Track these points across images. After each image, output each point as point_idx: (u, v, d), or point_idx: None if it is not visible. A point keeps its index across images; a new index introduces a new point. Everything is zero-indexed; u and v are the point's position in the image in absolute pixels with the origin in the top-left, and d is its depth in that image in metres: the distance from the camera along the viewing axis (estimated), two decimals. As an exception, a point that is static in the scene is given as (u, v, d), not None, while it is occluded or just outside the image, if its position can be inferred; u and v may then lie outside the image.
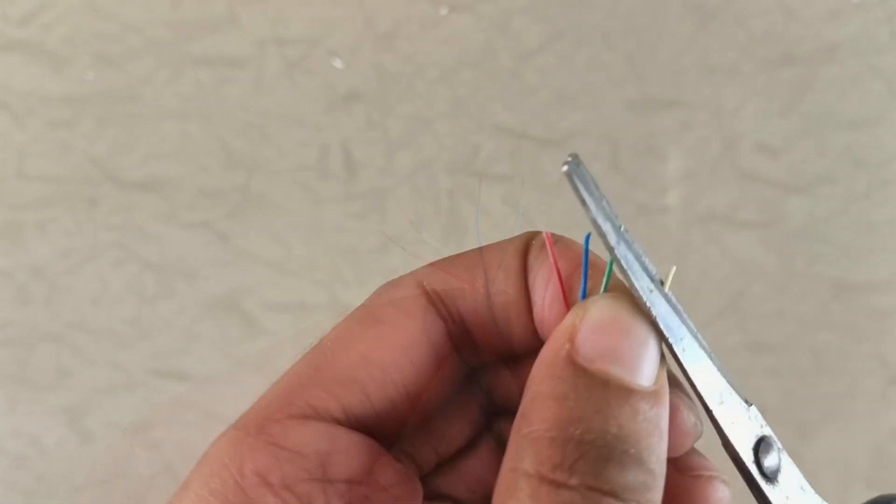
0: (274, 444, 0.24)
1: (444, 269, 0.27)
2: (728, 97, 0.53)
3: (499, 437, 0.29)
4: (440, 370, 0.27)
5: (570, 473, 0.21)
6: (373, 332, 0.26)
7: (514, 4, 0.53)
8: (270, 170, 0.54)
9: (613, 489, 0.21)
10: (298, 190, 0.54)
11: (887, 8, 0.53)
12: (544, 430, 0.22)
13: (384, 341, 0.26)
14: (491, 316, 0.27)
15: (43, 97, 0.54)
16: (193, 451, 0.26)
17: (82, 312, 0.56)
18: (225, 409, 0.26)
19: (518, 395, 0.24)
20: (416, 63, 0.54)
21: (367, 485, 0.25)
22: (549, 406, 0.22)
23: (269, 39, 0.53)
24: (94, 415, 0.57)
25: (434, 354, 0.27)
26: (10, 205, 0.55)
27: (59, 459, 0.57)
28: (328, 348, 0.26)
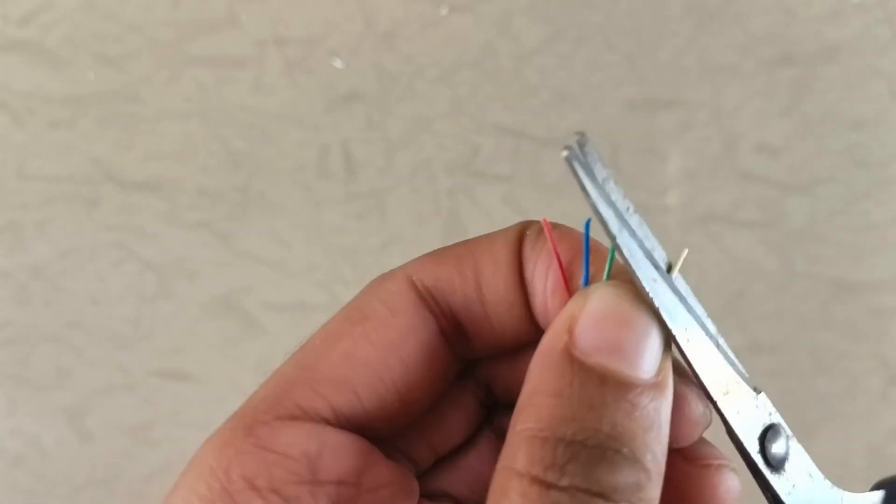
0: (261, 447, 0.24)
1: (433, 262, 0.27)
2: (728, 97, 0.53)
3: (499, 432, 0.28)
4: (432, 366, 0.26)
5: (560, 474, 0.21)
6: (360, 330, 0.26)
7: (514, 4, 0.53)
8: (270, 170, 0.54)
9: (603, 490, 0.21)
10: (298, 190, 0.54)
11: (887, 8, 0.53)
12: (537, 429, 0.22)
13: (371, 339, 0.26)
14: (482, 310, 0.26)
15: (43, 97, 0.54)
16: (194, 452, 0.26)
17: (82, 312, 0.56)
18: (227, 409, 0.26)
19: (517, 387, 0.23)
20: (416, 63, 0.54)
21: (358, 485, 0.25)
22: (542, 403, 0.22)
23: (269, 39, 0.53)
24: (94, 415, 0.57)
25: (425, 350, 0.26)
26: (10, 205, 0.55)
27: (59, 459, 0.57)
28: (316, 347, 0.26)
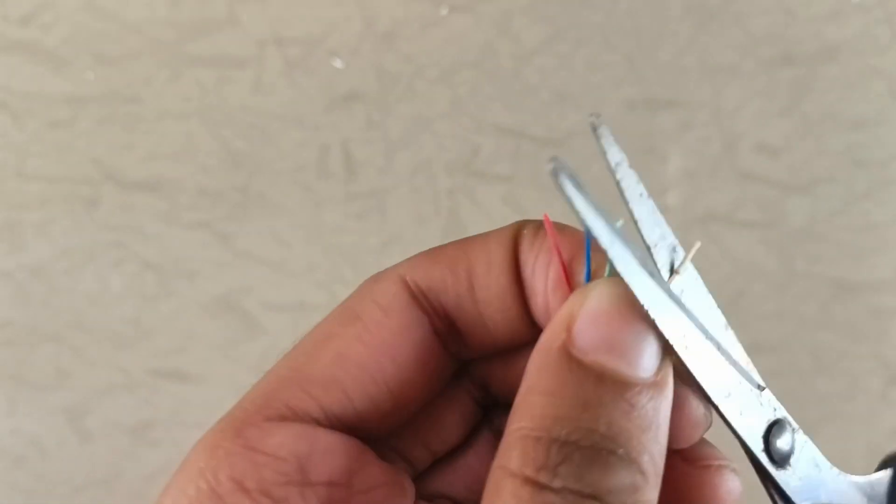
0: (250, 448, 0.24)
1: (426, 262, 0.26)
2: (728, 97, 0.53)
3: (498, 431, 0.28)
4: (426, 366, 0.26)
5: (553, 475, 0.21)
6: (352, 330, 0.26)
7: (514, 4, 0.53)
8: (270, 170, 0.54)
9: (596, 492, 0.21)
10: (298, 190, 0.54)
11: (887, 8, 0.53)
12: (530, 429, 0.21)
13: (363, 339, 0.25)
14: (475, 310, 0.26)
15: (43, 97, 0.54)
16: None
17: (82, 312, 0.56)
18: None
19: (514, 386, 0.23)
20: (416, 63, 0.54)
21: (349, 486, 0.24)
22: (538, 402, 0.22)
23: (269, 39, 0.53)
24: (94, 415, 0.57)
25: (418, 351, 0.26)
26: (10, 205, 0.55)
27: (59, 459, 0.57)
28: (307, 347, 0.26)
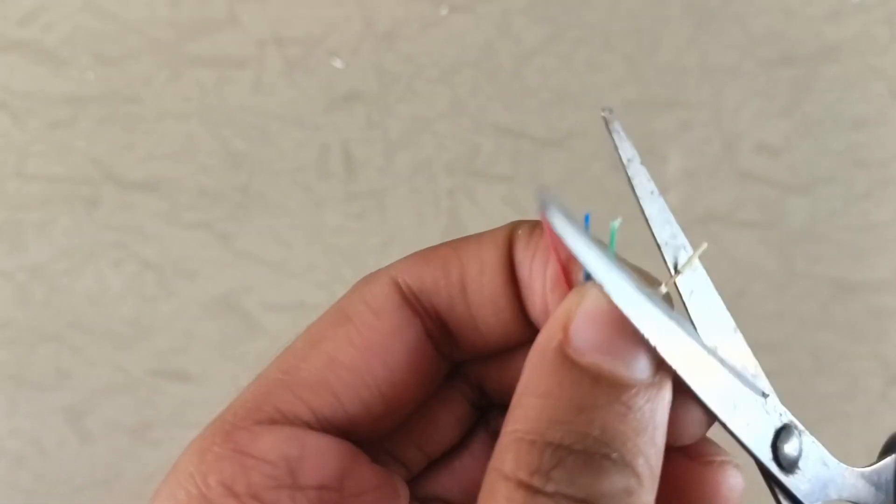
0: (240, 452, 0.24)
1: (418, 263, 0.26)
2: (728, 97, 0.53)
3: (494, 433, 0.28)
4: (418, 368, 0.26)
5: (546, 480, 0.20)
6: (343, 332, 0.25)
7: (514, 4, 0.53)
8: (270, 170, 0.54)
9: (589, 497, 0.20)
10: (298, 190, 0.54)
11: (887, 8, 0.53)
12: (524, 432, 0.21)
13: (354, 341, 0.25)
14: (468, 312, 0.26)
15: (43, 97, 0.54)
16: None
17: (82, 312, 0.56)
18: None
19: (510, 388, 0.23)
20: (416, 63, 0.54)
21: (340, 489, 0.24)
22: (533, 404, 0.21)
23: (269, 39, 0.53)
24: (94, 415, 0.57)
25: (409, 352, 0.26)
26: (10, 205, 0.55)
27: (59, 459, 0.57)
28: (298, 350, 0.25)
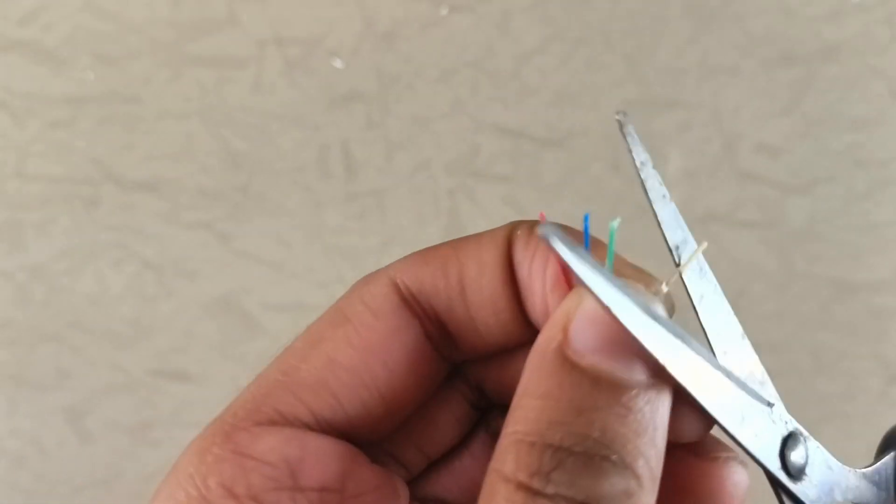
0: (239, 454, 0.23)
1: (417, 263, 0.26)
2: (728, 97, 0.53)
3: (494, 433, 0.27)
4: (417, 369, 0.26)
5: (546, 481, 0.20)
6: (342, 333, 0.25)
7: (514, 4, 0.53)
8: (270, 170, 0.54)
9: (589, 499, 0.20)
10: (298, 190, 0.54)
11: (887, 8, 0.53)
12: (524, 433, 0.21)
13: (353, 342, 0.25)
14: (467, 313, 0.26)
15: (43, 97, 0.54)
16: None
17: (82, 312, 0.56)
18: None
19: (509, 388, 0.23)
20: (416, 63, 0.54)
21: (341, 491, 0.24)
22: (532, 405, 0.21)
23: (269, 39, 0.53)
24: (94, 415, 0.57)
25: (409, 353, 0.25)
26: (10, 205, 0.55)
27: (59, 459, 0.57)
28: (297, 350, 0.25)
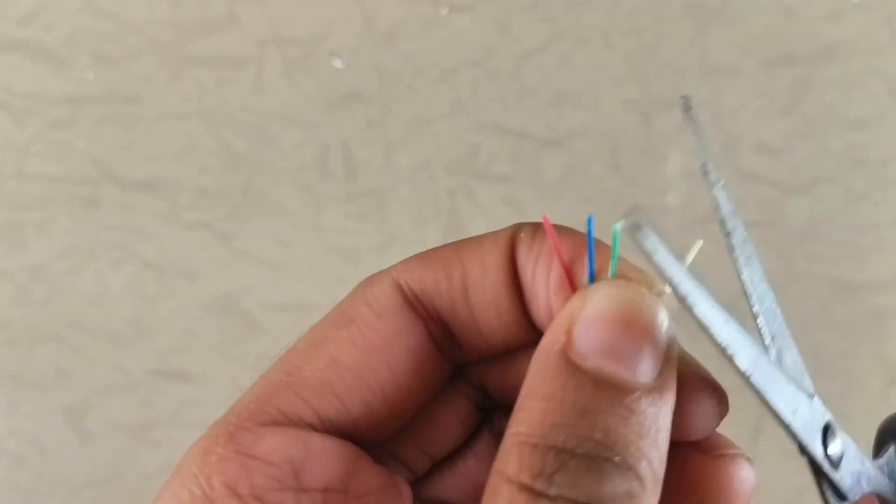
0: (243, 454, 0.23)
1: (420, 264, 0.26)
2: (728, 97, 0.53)
3: (498, 434, 0.27)
4: (421, 370, 0.26)
5: (549, 483, 0.20)
6: (345, 334, 0.25)
7: (514, 4, 0.53)
8: (270, 170, 0.54)
9: (592, 501, 0.20)
10: (298, 190, 0.54)
11: (887, 8, 0.53)
12: (527, 435, 0.21)
13: (356, 343, 0.25)
14: (470, 314, 0.26)
15: (43, 97, 0.54)
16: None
17: (82, 312, 0.56)
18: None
19: (513, 389, 0.23)
20: (416, 63, 0.54)
21: (344, 491, 0.24)
22: (535, 407, 0.21)
23: (269, 39, 0.53)
24: (94, 415, 0.57)
25: (412, 355, 0.25)
26: (10, 205, 0.55)
27: (59, 459, 0.57)
28: (301, 351, 0.25)
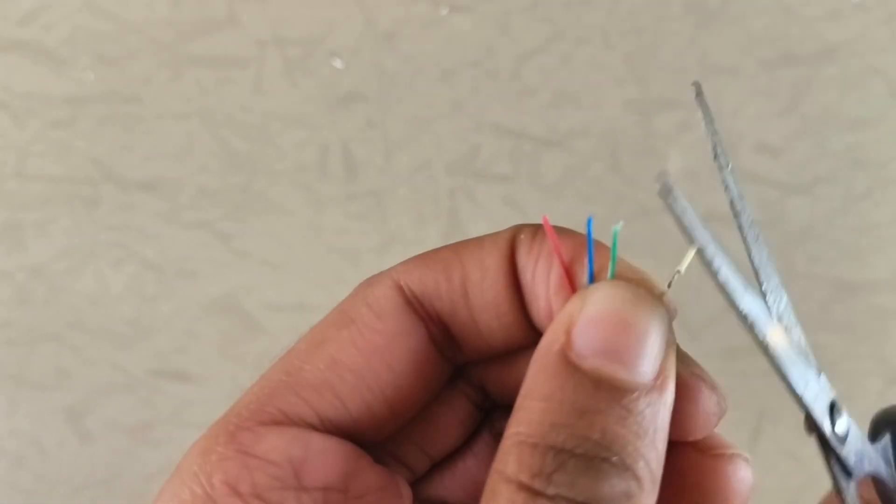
0: (244, 453, 0.24)
1: (420, 266, 0.26)
2: (728, 97, 0.53)
3: (498, 434, 0.27)
4: (421, 371, 0.26)
5: (547, 483, 0.21)
6: (346, 334, 0.25)
7: (514, 4, 0.53)
8: (270, 170, 0.54)
9: (588, 500, 0.21)
10: (298, 190, 0.55)
11: (887, 8, 0.53)
12: (526, 435, 0.21)
13: (357, 344, 0.25)
14: (469, 316, 0.26)
15: (43, 97, 0.54)
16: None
17: (82, 312, 0.56)
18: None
19: (512, 389, 0.23)
20: (416, 63, 0.54)
21: (345, 491, 0.24)
22: (534, 407, 0.22)
23: (269, 39, 0.53)
24: (94, 415, 0.57)
25: (412, 355, 0.26)
26: (10, 205, 0.55)
27: (59, 459, 0.57)
28: (301, 351, 0.25)
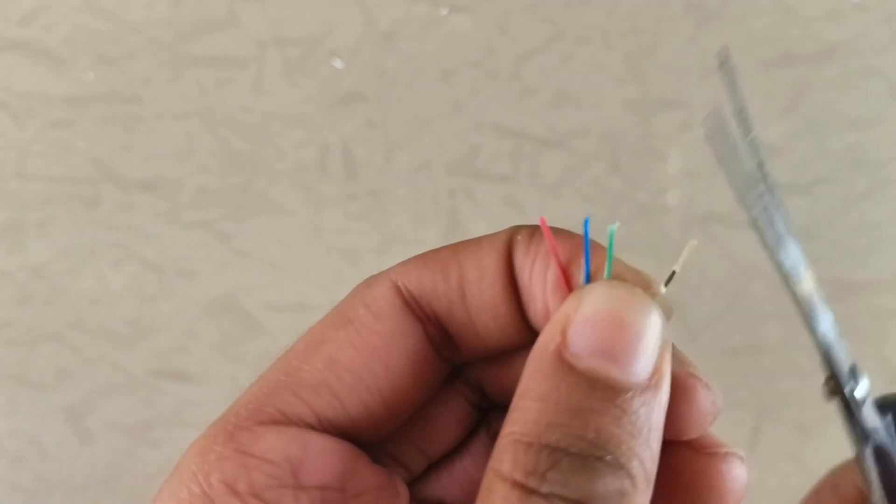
0: (242, 452, 0.24)
1: (418, 266, 0.26)
2: (728, 97, 0.53)
3: (495, 434, 0.27)
4: (419, 371, 0.26)
5: (541, 481, 0.21)
6: (344, 335, 0.25)
7: (514, 4, 0.53)
8: (270, 170, 0.54)
9: (582, 499, 0.21)
10: (298, 190, 0.55)
11: (887, 8, 0.53)
12: (522, 434, 0.22)
13: (355, 344, 0.25)
14: (467, 316, 0.26)
15: (43, 97, 0.54)
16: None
17: (82, 312, 0.56)
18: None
19: (509, 389, 0.23)
20: (416, 63, 0.54)
21: (342, 490, 0.25)
22: (529, 406, 0.22)
23: (269, 39, 0.53)
24: (94, 415, 0.57)
25: (410, 356, 0.26)
26: (10, 205, 0.55)
27: (59, 459, 0.57)
28: (300, 351, 0.26)
